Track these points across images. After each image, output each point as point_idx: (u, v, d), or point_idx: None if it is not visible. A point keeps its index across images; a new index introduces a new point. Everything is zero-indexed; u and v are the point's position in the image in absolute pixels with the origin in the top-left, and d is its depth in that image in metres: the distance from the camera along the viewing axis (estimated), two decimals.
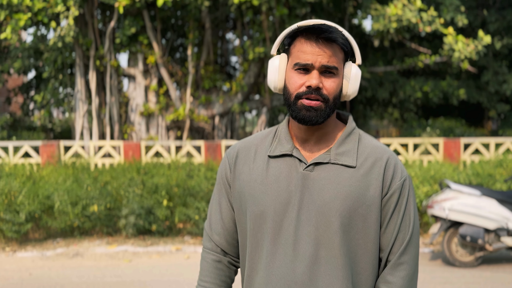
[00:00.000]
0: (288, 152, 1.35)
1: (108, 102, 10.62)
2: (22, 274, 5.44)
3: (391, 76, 12.70)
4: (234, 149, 1.44)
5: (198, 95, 11.01)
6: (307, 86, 1.29)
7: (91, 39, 10.31)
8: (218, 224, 1.46)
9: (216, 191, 1.49)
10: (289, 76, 1.32)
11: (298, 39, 1.32)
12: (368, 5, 9.52)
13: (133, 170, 7.66)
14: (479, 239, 5.24)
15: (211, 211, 1.49)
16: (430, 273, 5.26)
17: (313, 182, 1.30)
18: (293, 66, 1.31)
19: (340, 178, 1.30)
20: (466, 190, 5.40)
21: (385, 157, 1.35)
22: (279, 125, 1.44)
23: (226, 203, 1.45)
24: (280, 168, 1.34)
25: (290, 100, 1.32)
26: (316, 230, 1.28)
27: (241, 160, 1.41)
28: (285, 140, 1.38)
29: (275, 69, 1.35)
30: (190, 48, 10.60)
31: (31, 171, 8.08)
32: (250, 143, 1.44)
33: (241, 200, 1.38)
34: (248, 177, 1.37)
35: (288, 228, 1.29)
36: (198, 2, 9.03)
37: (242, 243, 1.41)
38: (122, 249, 6.41)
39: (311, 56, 1.28)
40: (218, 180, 1.48)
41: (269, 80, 1.37)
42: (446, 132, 11.43)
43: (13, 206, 6.50)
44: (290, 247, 1.28)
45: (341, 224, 1.28)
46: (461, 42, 9.24)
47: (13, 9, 8.91)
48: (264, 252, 1.32)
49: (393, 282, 1.34)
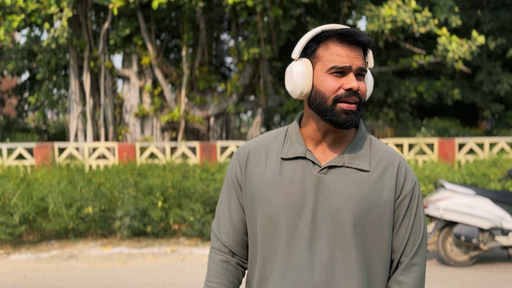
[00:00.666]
0: (302, 154, 1.35)
1: (103, 104, 10.59)
2: (16, 277, 5.41)
3: (385, 76, 12.73)
4: (245, 150, 1.44)
5: (193, 96, 11.00)
6: (347, 89, 1.29)
7: (85, 40, 10.28)
8: (227, 224, 1.45)
9: (225, 191, 1.48)
10: (323, 80, 1.31)
11: (327, 42, 1.31)
12: (363, 6, 9.53)
13: (127, 171, 7.64)
14: (473, 238, 5.26)
15: (220, 211, 1.48)
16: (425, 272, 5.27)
17: (327, 185, 1.31)
18: (328, 69, 1.30)
19: (354, 182, 1.32)
20: (461, 189, 5.41)
21: (396, 162, 1.39)
22: (288, 126, 1.44)
23: (236, 204, 1.45)
24: (294, 170, 1.34)
25: (327, 104, 1.30)
26: (331, 233, 1.30)
27: (253, 161, 1.41)
28: (297, 142, 1.38)
29: (301, 74, 1.32)
30: (184, 49, 10.59)
31: (25, 173, 8.04)
32: (260, 144, 1.43)
33: (253, 202, 1.38)
34: (261, 179, 1.37)
35: (303, 230, 1.30)
36: (192, 3, 9.02)
37: (253, 244, 1.41)
38: (117, 251, 6.39)
39: (348, 59, 1.29)
40: (227, 181, 1.47)
41: (294, 86, 1.34)
42: (440, 132, 11.46)
43: (7, 208, 6.46)
44: (305, 249, 1.29)
45: (356, 226, 1.31)
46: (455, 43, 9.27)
47: (6, 10, 8.87)
48: (278, 254, 1.32)
49: (406, 282, 1.39)
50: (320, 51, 1.32)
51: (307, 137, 1.38)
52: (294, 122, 1.44)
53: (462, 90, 12.92)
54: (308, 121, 1.39)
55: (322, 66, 1.31)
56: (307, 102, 1.37)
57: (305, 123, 1.40)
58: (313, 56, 1.33)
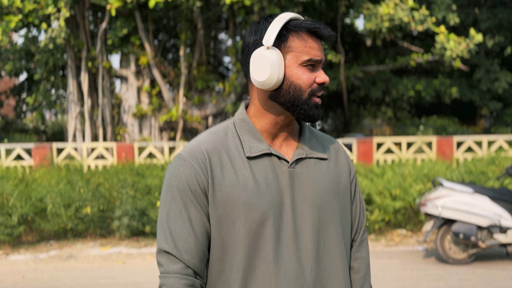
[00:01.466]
0: (266, 150, 1.28)
1: (101, 104, 10.58)
2: (15, 277, 5.41)
3: (383, 75, 12.74)
4: (201, 154, 1.26)
5: (191, 96, 11.00)
6: (320, 83, 1.27)
7: (83, 40, 10.27)
8: (189, 240, 1.24)
9: (177, 203, 1.25)
10: (299, 73, 1.24)
11: (300, 33, 1.25)
12: (360, 5, 9.54)
13: (126, 171, 7.64)
14: (472, 236, 5.26)
15: (173, 228, 1.24)
16: (424, 270, 5.27)
17: (299, 178, 1.30)
18: (304, 62, 1.24)
19: (321, 171, 1.34)
20: (459, 187, 5.42)
21: (339, 146, 1.44)
22: (233, 122, 1.34)
23: (199, 216, 1.25)
24: (264, 169, 1.27)
25: (302, 98, 1.25)
26: (313, 225, 1.29)
27: (217, 165, 1.26)
28: (255, 138, 1.30)
29: (277, 63, 1.22)
30: (182, 49, 10.59)
31: (23, 173, 8.04)
32: (216, 145, 1.28)
33: (228, 209, 1.24)
34: (235, 183, 1.24)
35: (287, 229, 1.27)
36: (190, 3, 9.02)
37: (223, 256, 1.27)
38: (116, 251, 6.39)
39: (320, 52, 1.27)
40: (180, 191, 1.25)
41: (270, 76, 1.22)
42: (439, 130, 11.48)
43: (5, 209, 6.46)
44: (293, 246, 1.27)
45: (333, 214, 1.33)
46: (453, 41, 9.28)
47: (3, 11, 8.86)
48: (266, 258, 1.25)
49: (362, 257, 1.45)
50: (293, 41, 1.25)
51: (263, 132, 1.31)
52: (241, 116, 1.33)
53: (460, 88, 12.94)
54: (263, 114, 1.30)
55: (296, 57, 1.24)
56: (272, 94, 1.27)
57: (258, 116, 1.31)
58: (283, 45, 1.25)
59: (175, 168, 1.27)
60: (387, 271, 5.25)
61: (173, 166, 1.28)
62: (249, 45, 1.29)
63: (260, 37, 1.26)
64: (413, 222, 6.95)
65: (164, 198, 1.29)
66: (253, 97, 1.33)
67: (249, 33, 1.30)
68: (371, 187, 6.70)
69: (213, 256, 1.28)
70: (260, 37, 1.26)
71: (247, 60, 1.29)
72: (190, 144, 1.31)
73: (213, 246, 1.28)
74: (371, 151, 8.67)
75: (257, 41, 1.27)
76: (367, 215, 6.60)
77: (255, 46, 1.27)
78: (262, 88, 1.26)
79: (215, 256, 1.28)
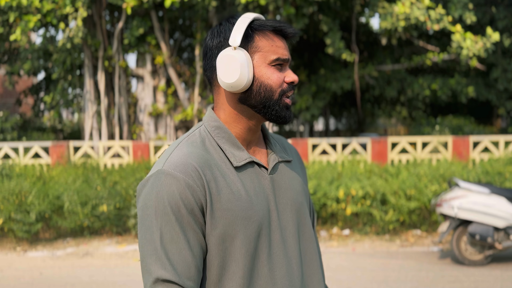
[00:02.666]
0: (249, 159, 1.24)
1: (117, 103, 10.68)
2: (33, 274, 5.49)
3: (399, 74, 12.65)
4: (193, 169, 1.15)
5: (206, 95, 11.04)
6: (289, 82, 1.23)
7: (100, 40, 10.38)
8: (191, 265, 1.13)
9: (171, 226, 1.13)
10: (268, 72, 1.21)
11: (265, 32, 1.22)
12: (376, 4, 9.49)
13: (142, 170, 7.71)
14: (488, 237, 5.22)
15: (170, 252, 1.12)
16: (439, 271, 5.25)
17: (278, 184, 1.30)
18: (272, 61, 1.20)
19: (291, 174, 1.35)
20: (475, 188, 5.38)
21: (290, 144, 1.47)
22: (205, 130, 1.26)
23: (196, 237, 1.15)
24: (251, 178, 1.24)
25: (273, 98, 1.22)
26: (295, 229, 1.30)
27: (211, 179, 1.17)
28: (235, 146, 1.24)
29: (246, 64, 1.18)
30: (197, 48, 10.63)
31: (41, 171, 8.15)
32: (201, 158, 1.19)
33: (227, 226, 1.17)
34: (230, 197, 1.18)
35: (276, 236, 1.25)
36: (205, 2, 9.05)
37: (221, 276, 1.19)
38: (132, 249, 6.45)
39: (287, 52, 1.24)
40: (175, 211, 1.13)
41: (240, 77, 1.17)
42: (455, 130, 11.38)
43: (23, 206, 6.56)
44: (282, 252, 1.25)
45: (306, 215, 1.35)
46: (469, 40, 9.19)
47: (22, 10, 8.98)
48: (262, 268, 1.22)
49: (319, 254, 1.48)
50: (259, 41, 1.21)
51: (238, 139, 1.26)
52: (215, 123, 1.26)
53: (476, 87, 12.81)
54: (235, 120, 1.25)
55: (264, 57, 1.21)
56: (241, 96, 1.22)
57: (230, 122, 1.26)
58: (250, 45, 1.21)
59: (163, 187, 1.13)
60: (402, 272, 5.24)
61: (159, 184, 1.14)
62: (213, 48, 1.23)
63: (225, 38, 1.22)
64: (428, 223, 6.91)
65: (151, 220, 1.14)
66: (221, 103, 1.26)
67: (211, 36, 1.25)
68: (385, 187, 6.68)
69: (210, 276, 1.18)
70: (224, 38, 1.22)
71: (212, 64, 1.24)
72: (173, 159, 1.17)
73: (210, 267, 1.18)
74: (385, 151, 8.63)
75: (222, 42, 1.22)
76: (382, 215, 6.58)
77: (219, 48, 1.22)
78: (231, 91, 1.21)
79: (213, 278, 1.18)
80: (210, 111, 1.28)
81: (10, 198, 6.58)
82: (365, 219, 6.82)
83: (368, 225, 6.83)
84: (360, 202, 6.66)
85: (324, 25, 9.29)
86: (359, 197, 6.64)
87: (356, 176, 7.18)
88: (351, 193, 6.66)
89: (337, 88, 11.19)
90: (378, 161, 8.44)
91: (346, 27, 12.42)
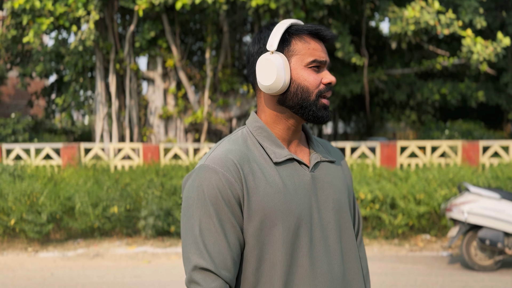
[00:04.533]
0: (289, 156, 1.29)
1: (128, 105, 10.76)
2: (44, 274, 5.55)
3: (408, 78, 12.63)
4: (231, 163, 1.22)
5: (216, 98, 11.09)
6: (327, 83, 1.28)
7: (111, 43, 10.47)
8: (227, 256, 1.19)
9: (209, 217, 1.20)
10: (304, 74, 1.26)
11: (302, 36, 1.27)
12: (386, 8, 9.50)
13: (152, 172, 7.76)
14: (498, 242, 5.21)
15: (208, 242, 1.19)
16: (449, 276, 5.24)
17: (319, 181, 1.33)
18: (308, 63, 1.26)
19: (334, 174, 1.38)
20: (485, 193, 5.37)
21: (336, 148, 1.50)
22: (248, 131, 1.33)
23: (233, 229, 1.21)
24: (291, 174, 1.28)
25: (310, 99, 1.27)
26: (336, 227, 1.33)
27: (249, 174, 1.23)
28: (276, 145, 1.30)
29: (283, 67, 1.24)
30: (208, 52, 10.69)
31: (52, 172, 8.22)
32: (241, 154, 1.25)
33: (265, 218, 1.22)
34: (268, 190, 1.23)
35: (317, 232, 1.28)
36: (216, 6, 9.11)
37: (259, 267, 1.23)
38: (142, 250, 6.49)
39: (324, 54, 1.29)
40: (214, 203, 1.20)
41: (277, 80, 1.24)
42: (464, 134, 11.33)
43: (35, 207, 6.63)
44: (323, 249, 1.28)
45: (348, 216, 1.38)
46: (479, 44, 9.16)
47: (35, 13, 9.09)
48: (303, 262, 1.24)
49: (363, 257, 1.51)
50: (296, 45, 1.27)
51: (279, 138, 1.32)
52: (257, 124, 1.32)
53: (486, 92, 12.76)
54: (275, 121, 1.31)
55: (300, 60, 1.26)
56: (280, 98, 1.29)
57: (270, 123, 1.32)
58: (287, 49, 1.27)
59: (204, 180, 1.21)
60: (411, 276, 5.24)
61: (201, 177, 1.22)
62: (253, 54, 1.31)
63: (264, 44, 1.28)
64: (438, 227, 6.90)
65: (192, 211, 1.22)
66: (262, 105, 1.33)
67: (252, 43, 1.32)
68: (395, 191, 6.68)
69: (247, 269, 1.24)
70: (263, 44, 1.28)
71: (253, 69, 1.31)
72: (215, 155, 1.25)
73: (248, 259, 1.24)
74: (394, 155, 8.63)
75: (261, 48, 1.28)
76: (391, 219, 6.58)
77: (259, 53, 1.29)
78: (269, 93, 1.27)
79: (251, 269, 1.23)
80: (253, 114, 1.35)
81: (21, 199, 6.65)
82: (374, 223, 6.82)
83: (377, 229, 6.83)
84: (369, 206, 6.66)
85: (334, 29, 9.31)
86: (368, 201, 6.65)
87: (365, 179, 7.18)
88: (360, 197, 6.67)
89: (346, 92, 11.20)
90: (387, 165, 8.44)
91: (356, 31, 12.43)
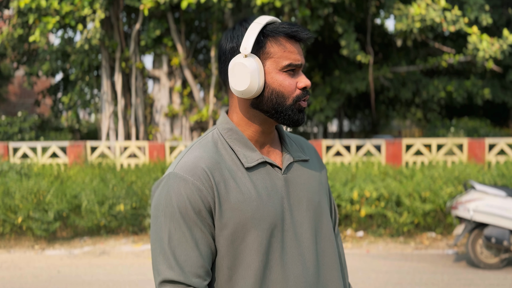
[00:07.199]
0: (261, 159, 1.26)
1: (134, 104, 10.79)
2: (50, 272, 5.58)
3: (414, 76, 12.60)
4: (202, 171, 1.18)
5: (221, 96, 11.11)
6: (302, 87, 1.23)
7: (117, 41, 10.50)
8: (198, 264, 1.16)
9: (179, 227, 1.16)
10: (279, 79, 1.21)
11: (277, 37, 1.21)
12: (391, 5, 9.47)
13: (158, 170, 7.79)
14: (504, 240, 5.20)
15: (177, 252, 1.16)
16: (454, 274, 5.24)
17: (293, 183, 1.30)
18: (283, 67, 1.21)
19: (308, 173, 1.35)
20: (491, 191, 5.36)
21: (309, 143, 1.46)
22: (218, 133, 1.28)
23: (204, 238, 1.18)
24: (263, 178, 1.25)
25: (286, 104, 1.22)
26: (310, 227, 1.31)
27: (220, 181, 1.19)
28: (247, 148, 1.26)
29: (257, 71, 1.19)
30: (213, 50, 10.70)
31: (58, 171, 8.27)
32: (211, 160, 1.21)
33: (237, 226, 1.19)
34: (240, 198, 1.19)
35: (289, 234, 1.26)
36: (221, 4, 9.12)
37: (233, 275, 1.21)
38: (147, 248, 6.52)
39: (300, 56, 1.23)
40: (183, 213, 1.16)
41: (250, 84, 1.19)
42: (470, 132, 11.30)
43: (41, 205, 6.67)
44: (296, 251, 1.26)
45: (324, 214, 1.36)
46: (485, 41, 9.13)
47: (41, 12, 9.13)
48: (275, 267, 1.23)
49: (340, 253, 1.47)
50: (271, 47, 1.21)
51: (251, 140, 1.28)
52: (227, 126, 1.28)
53: (492, 89, 12.71)
54: (247, 123, 1.27)
55: (275, 63, 1.21)
56: (253, 102, 1.24)
57: (242, 125, 1.28)
58: (262, 52, 1.21)
59: (173, 189, 1.17)
60: (417, 275, 5.24)
61: (169, 186, 1.18)
62: (226, 52, 1.24)
63: (237, 44, 1.22)
64: (443, 225, 6.89)
65: (160, 220, 1.18)
66: (234, 106, 1.28)
67: (225, 40, 1.25)
68: (400, 189, 6.68)
69: (220, 278, 1.21)
70: (237, 44, 1.22)
71: (225, 68, 1.25)
72: (184, 162, 1.21)
73: (221, 267, 1.21)
74: (400, 153, 8.62)
75: (234, 48, 1.22)
76: (396, 217, 6.58)
77: (232, 53, 1.23)
78: (242, 97, 1.23)
79: (224, 277, 1.21)
80: (224, 114, 1.30)
81: (28, 197, 6.69)
82: (379, 221, 6.82)
83: (382, 227, 6.83)
84: (374, 204, 6.66)
85: (339, 26, 9.30)
86: (373, 199, 6.65)
87: (370, 177, 7.18)
88: (365, 195, 6.67)
89: (351, 90, 11.18)
90: (393, 163, 8.43)
91: (361, 29, 12.40)
